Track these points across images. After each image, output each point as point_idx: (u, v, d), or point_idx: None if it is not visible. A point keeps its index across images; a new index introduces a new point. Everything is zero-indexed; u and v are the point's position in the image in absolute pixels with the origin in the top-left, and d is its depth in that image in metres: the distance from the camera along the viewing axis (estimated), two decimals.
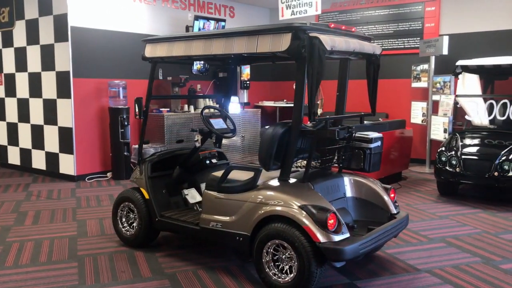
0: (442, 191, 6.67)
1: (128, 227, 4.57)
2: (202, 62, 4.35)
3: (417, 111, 8.88)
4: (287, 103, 10.55)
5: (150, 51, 4.25)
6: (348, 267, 3.97)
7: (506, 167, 5.88)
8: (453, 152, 6.31)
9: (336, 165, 4.16)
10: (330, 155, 4.09)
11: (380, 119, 8.71)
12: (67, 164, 7.78)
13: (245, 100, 9.86)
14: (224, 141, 8.35)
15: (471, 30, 8.56)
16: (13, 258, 4.30)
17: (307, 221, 3.31)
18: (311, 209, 3.34)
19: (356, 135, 4.02)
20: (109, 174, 8.03)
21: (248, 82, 9.76)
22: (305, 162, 4.15)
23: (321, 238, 3.26)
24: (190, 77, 8.96)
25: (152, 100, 4.61)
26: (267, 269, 3.53)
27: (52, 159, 8.04)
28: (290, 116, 3.60)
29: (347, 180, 4.11)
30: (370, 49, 3.92)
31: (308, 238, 3.31)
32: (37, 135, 8.26)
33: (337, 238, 3.30)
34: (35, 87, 8.17)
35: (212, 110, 6.84)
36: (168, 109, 8.53)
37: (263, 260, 3.54)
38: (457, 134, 6.78)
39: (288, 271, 3.47)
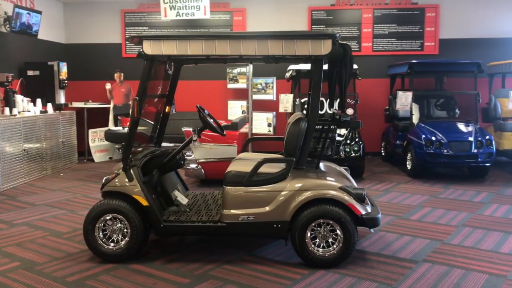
0: None
1: (109, 242, 4.12)
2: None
3: (235, 109, 9.94)
4: (95, 104, 9.99)
5: (152, 48, 3.96)
6: None
7: (348, 149, 7.57)
8: None
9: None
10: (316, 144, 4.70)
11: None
12: None
13: (62, 101, 8.98)
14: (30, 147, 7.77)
15: None
16: None
17: (350, 199, 3.95)
18: (348, 189, 4.00)
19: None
20: None
21: (66, 82, 8.92)
22: None
23: (362, 211, 3.97)
24: (15, 76, 7.71)
25: None
26: (311, 247, 3.99)
27: None
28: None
29: (322, 165, 4.83)
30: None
31: (350, 213, 3.96)
32: None
33: (369, 209, 4.07)
34: None
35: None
36: None
37: (306, 240, 3.98)
38: None
39: (325, 246, 4.02)
